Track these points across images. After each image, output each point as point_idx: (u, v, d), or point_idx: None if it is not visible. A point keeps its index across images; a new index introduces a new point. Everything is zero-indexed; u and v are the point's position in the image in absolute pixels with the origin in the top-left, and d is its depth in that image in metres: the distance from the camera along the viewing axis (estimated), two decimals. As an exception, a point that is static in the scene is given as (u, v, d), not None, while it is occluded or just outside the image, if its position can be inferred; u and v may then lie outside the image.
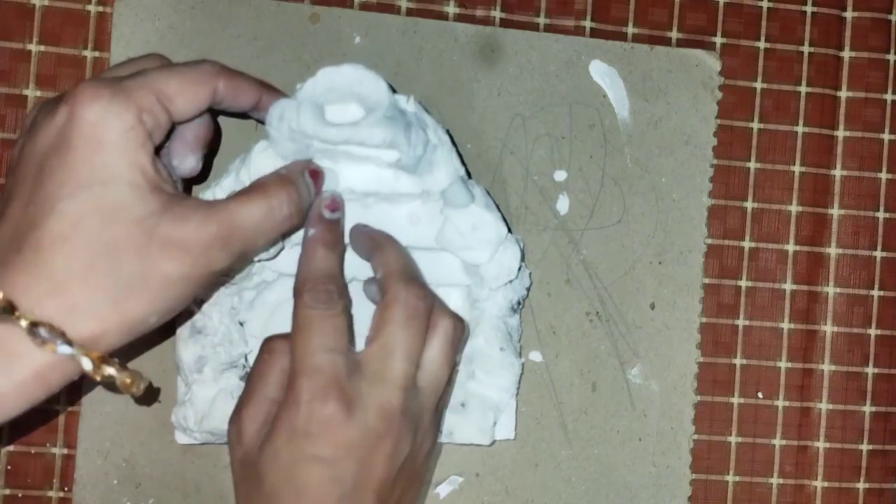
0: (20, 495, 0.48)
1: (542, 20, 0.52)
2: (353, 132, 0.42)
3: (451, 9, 0.51)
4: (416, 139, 0.42)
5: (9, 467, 0.48)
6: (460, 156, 0.46)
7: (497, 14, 0.52)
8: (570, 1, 0.52)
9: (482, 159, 0.51)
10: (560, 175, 0.51)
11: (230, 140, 0.49)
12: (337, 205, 0.43)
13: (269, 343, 0.42)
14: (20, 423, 0.48)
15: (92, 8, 0.49)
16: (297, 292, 0.40)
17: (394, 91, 0.43)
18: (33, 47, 0.49)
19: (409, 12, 0.51)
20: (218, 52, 0.49)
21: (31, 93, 0.49)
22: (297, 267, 0.41)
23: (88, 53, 0.49)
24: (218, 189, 0.44)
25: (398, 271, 0.42)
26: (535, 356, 0.51)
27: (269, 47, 0.49)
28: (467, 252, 0.45)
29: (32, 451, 0.48)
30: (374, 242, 0.43)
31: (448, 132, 0.45)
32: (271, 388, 0.41)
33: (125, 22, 0.48)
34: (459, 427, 0.48)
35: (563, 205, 0.51)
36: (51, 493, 0.48)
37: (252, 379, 0.42)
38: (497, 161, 0.51)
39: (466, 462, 0.50)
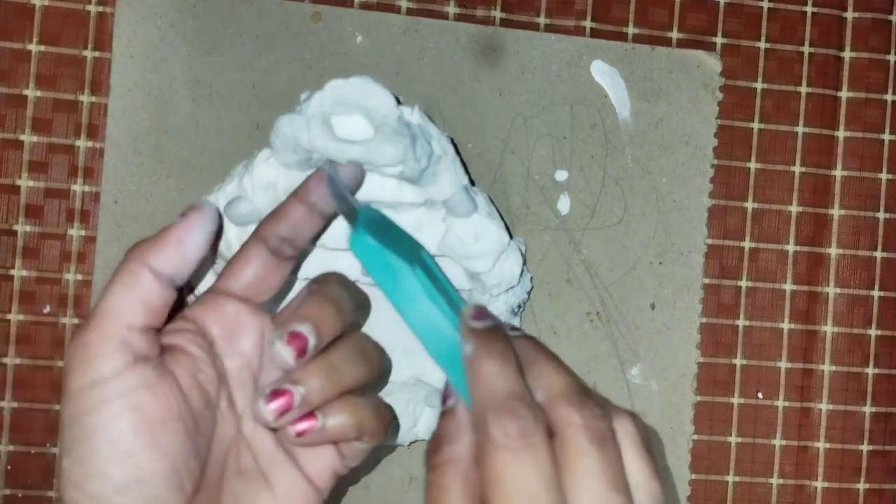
0: (20, 495, 0.48)
1: (542, 20, 0.52)
2: (363, 151, 0.41)
3: (452, 9, 0.51)
4: (420, 152, 0.42)
5: (9, 467, 0.48)
6: (464, 164, 0.46)
7: (497, 14, 0.52)
8: (571, 1, 0.52)
9: (483, 159, 0.51)
10: (561, 175, 0.51)
11: (231, 140, 0.49)
12: (483, 312, 0.34)
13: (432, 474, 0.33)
14: (20, 423, 0.48)
15: (92, 8, 0.49)
16: (480, 426, 0.31)
17: (398, 102, 0.43)
18: (33, 47, 0.49)
19: (410, 12, 0.51)
20: (219, 51, 0.49)
21: (31, 93, 0.49)
22: (471, 395, 0.33)
23: (88, 53, 0.49)
24: (220, 194, 0.44)
25: (564, 392, 0.33)
26: (536, 356, 0.51)
27: (271, 46, 0.49)
28: (469, 261, 0.45)
29: (32, 451, 0.48)
30: (528, 357, 0.34)
31: (452, 140, 0.45)
32: None
33: (127, 20, 0.48)
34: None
35: (564, 205, 0.51)
36: (51, 493, 0.48)
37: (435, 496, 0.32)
38: (498, 161, 0.51)
39: (467, 462, 0.50)
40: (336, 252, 0.45)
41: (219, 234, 0.42)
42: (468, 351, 0.33)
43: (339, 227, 0.45)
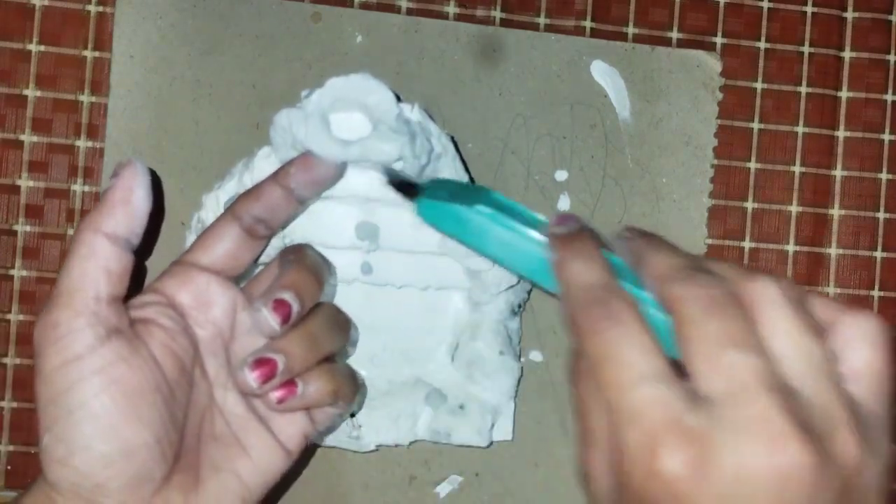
0: (20, 495, 0.48)
1: (542, 20, 0.52)
2: (360, 150, 0.41)
3: (452, 9, 0.51)
4: (420, 149, 0.42)
5: (9, 467, 0.48)
6: (464, 162, 0.46)
7: (497, 14, 0.52)
8: (571, 1, 0.52)
9: (483, 159, 0.51)
10: (561, 175, 0.51)
11: (231, 140, 0.49)
12: (567, 218, 0.35)
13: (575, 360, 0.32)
14: (20, 423, 0.48)
15: (92, 8, 0.49)
16: (571, 323, 0.31)
17: (398, 99, 0.43)
18: (33, 47, 0.49)
19: (410, 12, 0.51)
20: (219, 51, 0.49)
21: (31, 93, 0.49)
22: (561, 301, 0.32)
23: (88, 53, 0.49)
24: (221, 192, 0.44)
25: (668, 272, 0.31)
26: (536, 356, 0.51)
27: (271, 46, 0.49)
28: (470, 259, 0.45)
29: (32, 451, 0.48)
30: (638, 253, 0.33)
31: (452, 138, 0.45)
32: (599, 421, 0.30)
33: (127, 20, 0.48)
34: (457, 429, 0.47)
35: (564, 204, 0.51)
36: (50, 494, 0.48)
37: (578, 408, 0.31)
38: (498, 161, 0.51)
39: (466, 462, 0.50)
40: (336, 251, 0.45)
41: (156, 185, 0.42)
42: (553, 258, 0.34)
43: (339, 225, 0.45)
